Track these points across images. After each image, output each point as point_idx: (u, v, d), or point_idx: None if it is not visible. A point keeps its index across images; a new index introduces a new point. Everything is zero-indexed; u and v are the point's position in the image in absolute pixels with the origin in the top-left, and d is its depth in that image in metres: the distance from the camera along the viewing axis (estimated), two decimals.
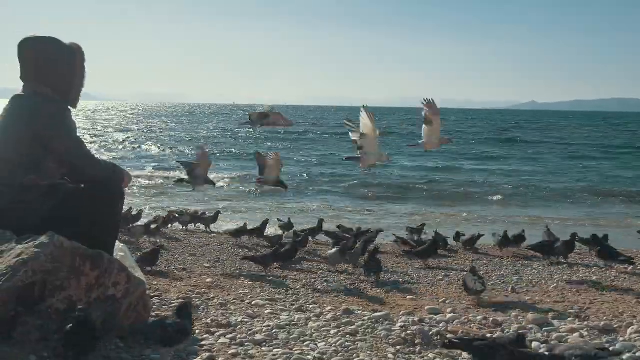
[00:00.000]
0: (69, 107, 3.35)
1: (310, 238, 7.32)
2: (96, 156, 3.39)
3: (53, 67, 3.27)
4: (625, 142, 37.06)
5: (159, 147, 29.12)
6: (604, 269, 6.31)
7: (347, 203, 13.71)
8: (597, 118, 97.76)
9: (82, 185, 3.31)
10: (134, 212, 7.94)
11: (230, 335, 3.35)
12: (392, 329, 3.61)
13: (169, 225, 8.36)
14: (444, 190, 16.13)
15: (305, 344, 3.31)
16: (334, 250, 6.04)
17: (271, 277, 5.43)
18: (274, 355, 3.09)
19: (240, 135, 36.80)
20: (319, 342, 3.34)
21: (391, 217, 11.61)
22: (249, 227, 7.72)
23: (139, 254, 5.59)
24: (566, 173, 21.28)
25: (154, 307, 3.77)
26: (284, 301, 4.42)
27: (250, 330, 3.50)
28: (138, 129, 44.56)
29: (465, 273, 5.28)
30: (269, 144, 29.48)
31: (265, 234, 7.65)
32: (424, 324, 3.77)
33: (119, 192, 3.33)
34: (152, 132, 41.69)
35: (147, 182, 16.35)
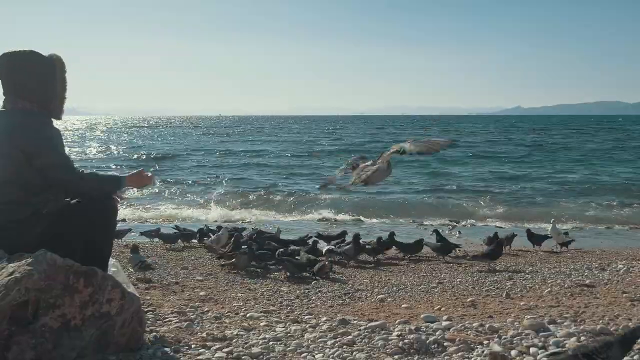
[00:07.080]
0: (53, 118, 3.32)
1: None
2: (82, 170, 3.34)
3: (31, 79, 3.23)
4: None
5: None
6: (596, 273, 6.34)
7: None
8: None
9: (75, 201, 3.28)
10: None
11: (226, 349, 3.30)
12: (389, 338, 3.59)
13: None
14: None
15: (302, 355, 3.27)
16: None
17: (264, 289, 5.41)
18: None
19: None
20: (316, 354, 3.30)
21: None
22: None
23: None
24: None
25: (149, 322, 3.73)
26: (278, 313, 4.39)
27: (247, 343, 3.46)
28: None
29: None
30: None
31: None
32: (420, 332, 3.75)
33: (111, 207, 3.30)
34: None
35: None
